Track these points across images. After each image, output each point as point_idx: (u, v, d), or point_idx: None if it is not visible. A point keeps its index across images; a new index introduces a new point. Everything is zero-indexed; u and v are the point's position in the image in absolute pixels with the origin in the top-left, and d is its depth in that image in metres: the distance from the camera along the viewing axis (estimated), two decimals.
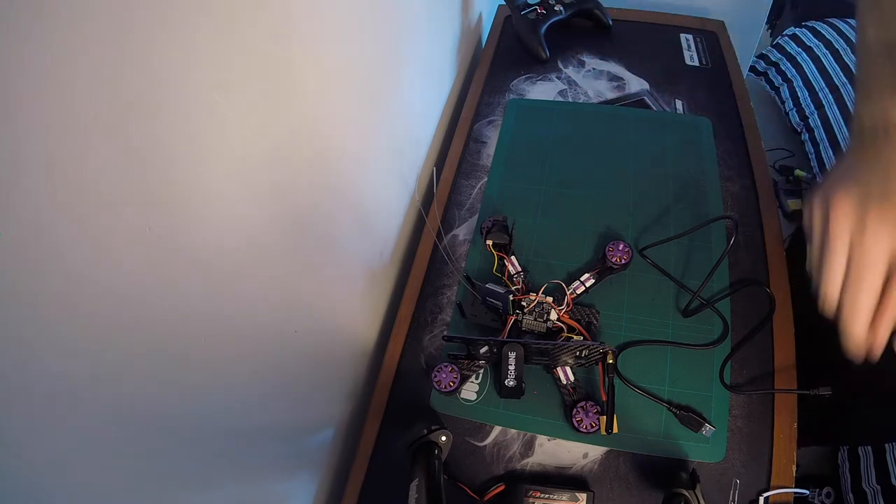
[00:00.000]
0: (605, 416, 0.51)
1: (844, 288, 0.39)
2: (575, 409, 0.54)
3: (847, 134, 1.37)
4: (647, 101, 0.82)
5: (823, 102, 1.50)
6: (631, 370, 0.58)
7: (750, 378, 0.57)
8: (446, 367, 0.56)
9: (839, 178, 0.42)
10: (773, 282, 0.63)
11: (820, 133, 1.49)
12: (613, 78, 0.86)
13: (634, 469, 0.54)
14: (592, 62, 0.89)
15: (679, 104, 0.81)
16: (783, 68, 1.66)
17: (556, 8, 0.89)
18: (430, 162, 0.81)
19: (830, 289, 0.40)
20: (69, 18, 0.22)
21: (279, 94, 0.38)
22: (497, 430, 0.57)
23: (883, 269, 0.38)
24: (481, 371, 0.59)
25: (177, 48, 0.28)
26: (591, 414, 0.53)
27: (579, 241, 0.67)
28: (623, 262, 0.62)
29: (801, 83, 1.59)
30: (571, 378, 0.56)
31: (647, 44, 0.91)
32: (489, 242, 0.63)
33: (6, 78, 0.20)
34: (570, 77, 0.87)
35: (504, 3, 0.97)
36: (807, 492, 0.53)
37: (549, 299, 0.58)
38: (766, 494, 0.51)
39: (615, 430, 0.51)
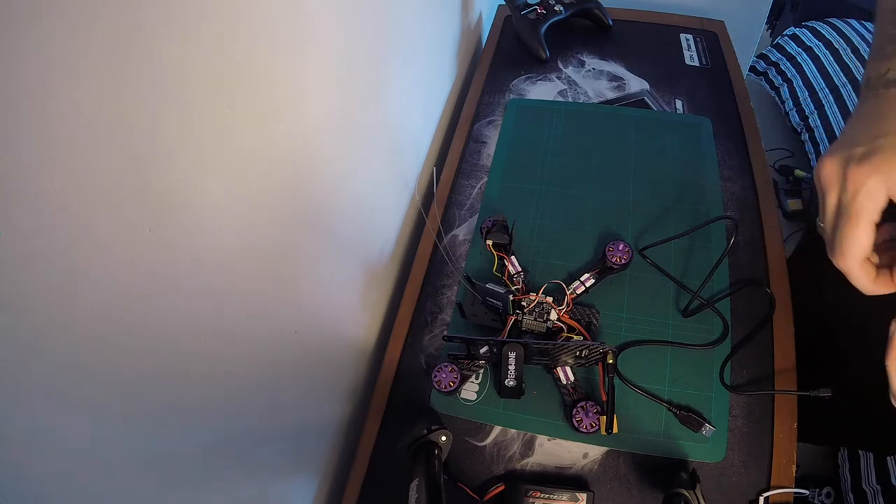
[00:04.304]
0: (605, 416, 0.51)
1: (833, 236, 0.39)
2: (575, 409, 0.54)
3: None
4: (647, 101, 0.82)
5: (823, 102, 1.50)
6: (631, 370, 0.58)
7: (750, 378, 0.57)
8: (446, 367, 0.56)
9: (834, 144, 0.41)
10: (773, 282, 0.63)
11: (820, 133, 1.49)
12: (613, 78, 0.86)
13: (634, 469, 0.54)
14: (592, 62, 0.89)
15: (679, 104, 0.81)
16: (783, 68, 1.66)
17: (556, 8, 0.89)
18: (430, 162, 0.81)
19: (826, 236, 0.39)
20: (70, 19, 0.22)
21: (279, 94, 0.38)
22: (497, 430, 0.57)
23: (869, 216, 0.37)
24: (481, 371, 0.59)
25: (178, 49, 0.28)
26: (591, 414, 0.53)
27: (579, 241, 0.67)
28: (623, 262, 0.62)
29: (801, 83, 1.59)
30: (571, 378, 0.56)
31: (647, 44, 0.91)
32: (489, 242, 0.63)
33: (7, 78, 0.20)
34: (570, 77, 0.87)
35: (504, 3, 0.97)
36: (807, 492, 0.53)
37: (549, 299, 0.58)
38: (766, 494, 0.51)
39: (615, 430, 0.51)
